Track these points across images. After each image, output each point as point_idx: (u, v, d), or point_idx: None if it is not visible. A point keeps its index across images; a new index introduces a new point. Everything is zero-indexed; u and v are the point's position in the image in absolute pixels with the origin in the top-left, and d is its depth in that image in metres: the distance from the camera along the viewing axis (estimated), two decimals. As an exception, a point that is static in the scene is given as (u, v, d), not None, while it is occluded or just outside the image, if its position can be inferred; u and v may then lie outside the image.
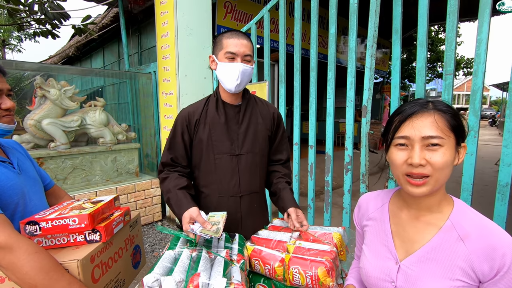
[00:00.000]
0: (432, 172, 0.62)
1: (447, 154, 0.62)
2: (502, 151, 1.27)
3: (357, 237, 0.90)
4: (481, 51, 1.27)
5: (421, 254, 0.67)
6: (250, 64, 1.12)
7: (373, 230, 0.79)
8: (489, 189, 4.44)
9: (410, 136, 0.64)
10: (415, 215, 0.71)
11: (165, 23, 2.96)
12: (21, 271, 0.71)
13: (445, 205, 0.70)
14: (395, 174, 0.69)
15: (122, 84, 4.27)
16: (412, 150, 0.64)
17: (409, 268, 0.68)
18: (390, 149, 0.69)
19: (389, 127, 0.70)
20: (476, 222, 0.65)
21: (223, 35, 1.12)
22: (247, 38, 1.12)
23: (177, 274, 0.77)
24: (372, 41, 1.64)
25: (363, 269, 0.78)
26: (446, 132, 0.62)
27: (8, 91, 0.89)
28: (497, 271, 0.58)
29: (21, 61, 2.90)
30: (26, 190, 0.91)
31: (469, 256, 0.61)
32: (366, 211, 0.84)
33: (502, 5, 1.16)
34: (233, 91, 1.13)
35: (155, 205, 3.48)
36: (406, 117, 0.65)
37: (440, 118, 0.63)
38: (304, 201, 2.71)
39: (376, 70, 8.86)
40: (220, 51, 1.11)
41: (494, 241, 0.60)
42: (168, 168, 1.17)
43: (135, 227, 1.11)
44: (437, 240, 0.66)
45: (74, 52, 6.27)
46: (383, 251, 0.74)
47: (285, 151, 1.31)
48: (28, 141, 2.75)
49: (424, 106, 0.65)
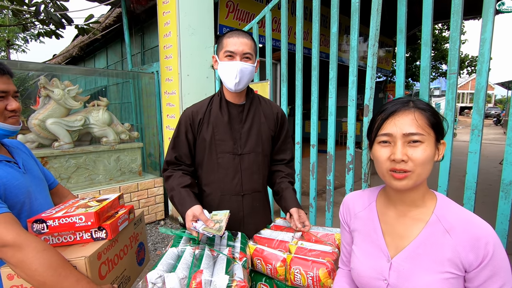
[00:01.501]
0: (414, 168, 0.65)
1: (427, 150, 0.65)
2: (505, 149, 1.27)
3: (343, 239, 0.90)
4: (485, 50, 1.27)
5: (411, 250, 0.69)
6: (251, 62, 1.12)
7: (363, 230, 0.80)
8: (493, 188, 4.41)
9: (392, 133, 0.66)
10: (402, 212, 0.73)
11: (167, 23, 2.97)
12: (30, 268, 0.72)
13: (429, 199, 0.72)
14: (379, 171, 0.71)
15: (125, 83, 4.29)
16: (395, 147, 0.66)
17: (401, 264, 0.69)
18: (374, 146, 0.72)
19: (373, 126, 0.72)
20: (459, 214, 0.67)
21: (225, 35, 1.13)
22: (247, 37, 1.12)
23: (180, 271, 0.78)
24: (374, 40, 1.64)
25: (355, 269, 0.78)
26: (426, 129, 0.65)
27: (15, 93, 0.90)
28: (481, 260, 0.61)
29: (26, 61, 2.93)
30: (32, 189, 0.92)
31: (455, 247, 0.64)
32: (353, 210, 0.84)
33: (502, 5, 1.16)
34: (233, 90, 1.13)
35: (157, 204, 3.51)
36: (388, 115, 0.68)
37: (420, 116, 0.65)
38: (306, 200, 2.71)
39: (378, 69, 8.82)
40: (221, 50, 1.12)
41: (477, 231, 0.63)
42: (172, 167, 1.19)
43: (139, 225, 1.12)
44: (425, 235, 0.68)
45: (77, 52, 6.31)
46: (374, 250, 0.75)
47: (289, 150, 1.31)
48: (33, 141, 2.78)
49: (405, 105, 0.68)
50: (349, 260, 0.84)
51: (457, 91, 1.42)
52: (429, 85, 1.51)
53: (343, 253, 0.90)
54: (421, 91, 1.53)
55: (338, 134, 8.63)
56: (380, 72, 8.89)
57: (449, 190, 1.46)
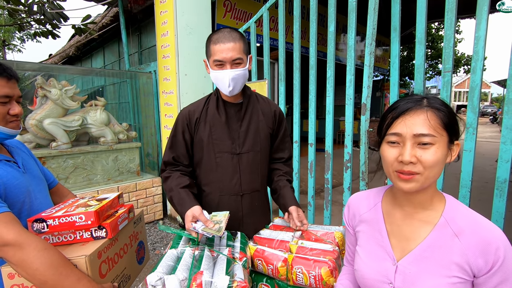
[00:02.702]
0: (422, 170, 0.62)
1: (438, 152, 0.61)
2: (500, 147, 1.28)
3: (347, 239, 0.88)
4: (479, 48, 1.29)
5: (418, 253, 0.67)
6: (241, 66, 1.08)
7: (368, 231, 0.78)
8: (489, 186, 4.44)
9: (401, 133, 0.63)
10: (409, 213, 0.70)
11: (164, 22, 2.97)
12: (31, 267, 0.72)
13: (437, 201, 0.69)
14: (386, 171, 0.69)
15: (123, 83, 4.28)
16: (404, 148, 0.63)
17: (407, 268, 0.67)
18: (382, 145, 0.69)
19: (383, 124, 0.69)
20: (468, 217, 0.65)
21: (211, 39, 1.08)
22: (234, 39, 1.05)
23: (180, 273, 0.78)
24: (371, 39, 1.65)
25: (359, 271, 0.76)
26: (438, 130, 0.61)
27: (18, 97, 0.91)
28: (492, 265, 0.59)
29: (22, 61, 2.92)
30: (32, 189, 0.93)
31: (464, 251, 0.61)
32: (358, 211, 0.82)
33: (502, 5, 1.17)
34: (229, 95, 1.12)
35: (156, 204, 3.51)
36: (399, 114, 0.64)
37: (433, 116, 0.62)
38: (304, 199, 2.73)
39: (376, 68, 8.85)
40: (210, 58, 1.09)
41: (487, 235, 0.61)
42: (170, 167, 1.18)
43: (139, 224, 1.13)
44: (433, 238, 0.66)
45: (74, 52, 6.28)
46: (379, 252, 0.73)
47: (287, 149, 1.31)
48: (30, 141, 2.77)
49: (418, 103, 0.64)
50: (354, 260, 0.83)
51: (454, 89, 1.43)
52: (424, 83, 1.52)
53: (347, 252, 0.89)
54: (416, 89, 1.54)
55: (336, 133, 8.64)
56: (378, 71, 8.92)
57: (444, 189, 1.47)
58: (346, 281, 0.87)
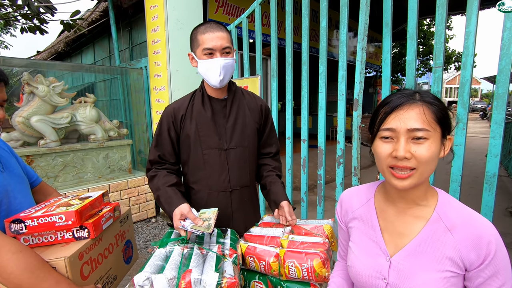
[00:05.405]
0: (417, 165, 0.61)
1: (432, 147, 0.61)
2: (489, 142, 1.29)
3: (340, 235, 0.88)
4: (469, 44, 1.28)
5: (411, 248, 0.67)
6: (230, 55, 1.08)
7: (361, 227, 0.77)
8: (479, 181, 4.53)
9: (395, 128, 0.62)
10: (403, 209, 0.70)
11: (155, 17, 2.91)
12: (5, 271, 0.69)
13: (430, 196, 0.69)
14: (379, 167, 0.68)
15: (113, 80, 4.20)
16: (397, 143, 0.62)
17: (400, 263, 0.67)
18: (375, 141, 0.68)
19: (375, 119, 0.68)
20: (461, 212, 0.65)
21: (197, 30, 1.07)
22: (222, 29, 1.06)
23: (168, 272, 0.76)
24: (363, 34, 1.64)
25: (352, 267, 0.76)
26: (432, 124, 0.61)
27: (3, 101, 0.88)
28: (483, 259, 0.60)
29: (9, 57, 2.83)
30: (11, 188, 0.89)
31: (457, 246, 0.62)
32: (350, 207, 0.82)
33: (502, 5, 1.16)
34: (218, 87, 1.11)
35: (148, 202, 3.47)
36: (392, 109, 0.63)
37: (426, 110, 0.61)
38: (297, 195, 2.73)
39: (369, 64, 8.88)
40: (198, 48, 1.07)
41: (479, 230, 0.61)
42: (156, 166, 1.16)
43: (126, 222, 1.10)
44: (426, 233, 0.66)
45: (63, 48, 6.14)
46: (373, 248, 0.73)
47: (275, 144, 1.30)
48: (17, 139, 2.70)
49: (411, 98, 0.63)
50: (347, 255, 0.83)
51: (445, 85, 1.43)
52: (416, 79, 1.52)
53: (340, 248, 0.89)
54: (408, 84, 1.54)
55: (328, 129, 8.69)
56: (370, 67, 8.97)
57: (435, 183, 1.48)
58: (339, 278, 0.86)
